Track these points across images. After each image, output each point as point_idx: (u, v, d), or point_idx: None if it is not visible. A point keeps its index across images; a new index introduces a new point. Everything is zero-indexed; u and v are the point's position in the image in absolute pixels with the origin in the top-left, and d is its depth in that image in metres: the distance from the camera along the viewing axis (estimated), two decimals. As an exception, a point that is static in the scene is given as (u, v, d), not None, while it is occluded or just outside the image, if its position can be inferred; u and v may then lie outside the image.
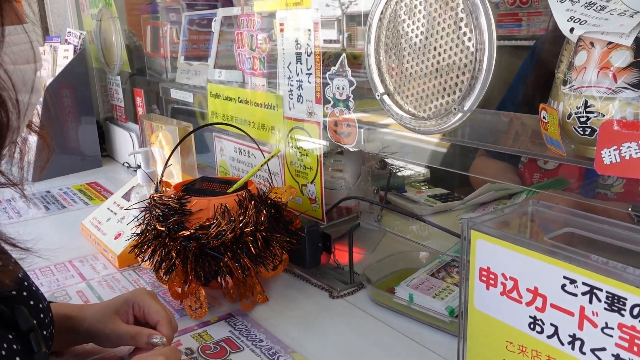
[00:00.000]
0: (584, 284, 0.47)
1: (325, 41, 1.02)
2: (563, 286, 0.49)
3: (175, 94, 1.63)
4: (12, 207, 1.59)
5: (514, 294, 0.53)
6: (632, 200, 0.99)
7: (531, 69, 1.03)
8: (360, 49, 0.95)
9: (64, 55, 1.96)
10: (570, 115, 0.62)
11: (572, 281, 0.48)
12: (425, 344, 0.85)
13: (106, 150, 2.18)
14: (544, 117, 0.67)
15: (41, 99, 1.89)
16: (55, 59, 2.00)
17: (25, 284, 0.69)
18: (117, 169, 2.02)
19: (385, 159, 1.28)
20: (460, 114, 0.72)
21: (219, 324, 0.94)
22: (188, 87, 1.59)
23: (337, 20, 1.01)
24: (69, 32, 1.99)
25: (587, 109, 0.60)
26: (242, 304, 0.97)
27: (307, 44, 0.99)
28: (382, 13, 0.82)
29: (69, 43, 1.97)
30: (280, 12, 1.04)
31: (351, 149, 1.15)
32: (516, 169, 1.14)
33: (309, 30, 0.98)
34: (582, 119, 0.61)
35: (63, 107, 1.96)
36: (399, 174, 1.35)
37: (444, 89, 0.75)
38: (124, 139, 2.00)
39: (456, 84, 0.73)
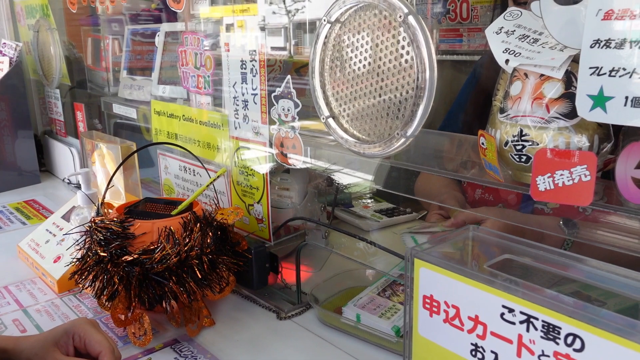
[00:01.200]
0: (521, 312, 0.49)
1: (272, 48, 1.02)
2: (502, 315, 0.51)
3: (117, 109, 1.59)
4: (-59, 228, 1.51)
5: (456, 322, 0.54)
6: (565, 214, 1.03)
7: (471, 93, 1.06)
8: (307, 57, 0.96)
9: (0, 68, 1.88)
10: (507, 142, 0.65)
11: (510, 310, 0.50)
12: (373, 365, 0.85)
13: (45, 166, 2.10)
14: (482, 143, 0.69)
15: (-26, 113, 1.80)
16: (-11, 71, 1.91)
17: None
18: (57, 185, 1.95)
19: (332, 176, 1.28)
20: (403, 139, 0.74)
21: (163, 351, 0.91)
22: (130, 102, 1.55)
23: (284, 27, 1.02)
24: (4, 43, 1.91)
25: (522, 138, 0.63)
26: (188, 329, 0.95)
27: (253, 65, 0.98)
28: (326, 37, 0.82)
29: (4, 55, 1.89)
30: (224, 34, 1.04)
31: (297, 168, 1.16)
32: (459, 184, 1.17)
33: (254, 50, 0.98)
34: (518, 147, 0.63)
35: (-1, 121, 1.87)
36: (345, 190, 1.36)
37: (387, 114, 0.76)
38: (64, 154, 1.93)
39: (399, 110, 0.75)
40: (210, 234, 0.96)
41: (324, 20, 0.80)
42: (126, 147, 1.29)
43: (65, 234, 1.18)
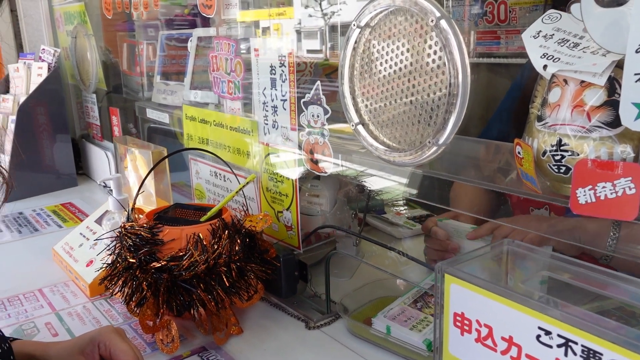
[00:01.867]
0: (559, 336, 0.46)
1: (308, 51, 1.01)
2: (538, 337, 0.48)
3: (151, 113, 1.60)
4: (-18, 230, 1.55)
5: (489, 342, 0.52)
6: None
7: (517, 98, 1.02)
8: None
9: (38, 73, 1.92)
10: (544, 152, 0.61)
11: (547, 332, 0.47)
12: (403, 380, 0.83)
13: (82, 169, 2.13)
14: (518, 153, 0.66)
15: (13, 117, 1.85)
16: (29, 76, 1.96)
17: (-17, 328, 0.66)
18: (93, 188, 1.98)
19: (363, 183, 1.26)
20: (434, 147, 0.71)
21: (191, 359, 0.91)
22: (163, 107, 1.56)
23: (320, 30, 1.01)
24: (43, 49, 1.95)
25: (561, 147, 0.59)
26: (216, 338, 0.94)
27: (282, 71, 0.97)
28: (356, 42, 0.80)
29: (43, 60, 1.93)
30: (254, 39, 1.03)
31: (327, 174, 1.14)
32: (500, 198, 1.10)
33: (284, 55, 0.96)
34: (557, 157, 0.60)
35: (37, 125, 1.92)
36: (377, 197, 1.33)
37: (419, 121, 0.74)
38: (100, 158, 1.96)
39: (430, 117, 0.72)
40: (238, 241, 0.95)
41: (354, 25, 0.78)
42: (157, 152, 1.29)
43: (96, 239, 1.19)
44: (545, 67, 0.60)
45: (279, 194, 1.06)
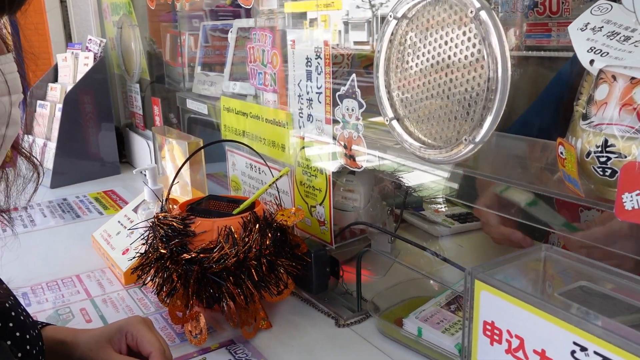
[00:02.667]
0: (595, 352, 0.43)
1: (355, 43, 1.00)
2: (573, 352, 0.44)
3: (190, 104, 1.61)
4: (27, 215, 1.60)
5: (520, 354, 0.49)
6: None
7: (559, 93, 0.96)
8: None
9: (85, 63, 1.96)
10: (589, 153, 0.57)
11: (583, 348, 0.43)
12: (432, 385, 0.80)
13: (126, 157, 2.17)
14: (561, 153, 0.62)
15: (60, 105, 1.89)
16: (76, 66, 2.00)
17: (13, 314, 0.67)
18: (135, 176, 2.01)
19: (400, 179, 1.23)
20: (471, 146, 0.68)
21: (218, 352, 0.90)
22: (203, 98, 1.57)
23: (367, 21, 0.99)
24: (90, 39, 1.99)
25: (607, 149, 0.55)
26: (244, 331, 0.94)
27: (318, 63, 0.95)
28: (392, 34, 0.77)
29: (89, 50, 1.97)
30: (291, 31, 1.01)
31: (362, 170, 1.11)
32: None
33: (319, 47, 0.94)
34: (602, 159, 0.56)
35: (84, 114, 1.96)
36: (415, 193, 1.30)
37: (455, 117, 0.71)
38: (142, 147, 1.99)
39: (467, 113, 0.69)
40: (269, 235, 0.94)
41: (390, 16, 0.76)
42: (194, 143, 1.29)
43: (129, 228, 1.20)
44: (592, 62, 0.56)
45: (313, 188, 1.04)
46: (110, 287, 1.14)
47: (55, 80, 2.07)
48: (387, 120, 0.80)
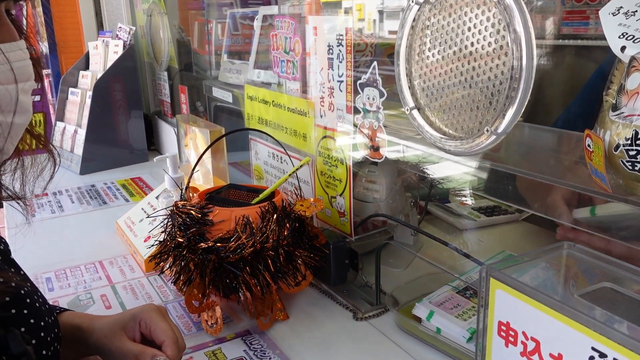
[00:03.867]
0: (615, 360, 0.40)
1: (390, 32, 0.98)
2: (591, 358, 0.42)
3: (216, 92, 1.60)
4: (56, 200, 1.62)
5: (535, 358, 0.46)
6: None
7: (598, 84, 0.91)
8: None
9: (114, 50, 1.98)
10: (617, 146, 0.54)
11: (602, 355, 0.41)
12: (450, 383, 0.78)
13: (154, 145, 2.19)
14: (588, 145, 0.58)
15: (90, 93, 1.91)
16: (106, 54, 2.02)
17: (28, 300, 0.67)
18: (162, 164, 2.01)
19: (426, 169, 1.20)
20: (493, 137, 0.65)
21: (234, 342, 0.90)
22: (229, 86, 1.56)
23: (402, 10, 0.96)
24: (120, 27, 2.01)
25: (637, 141, 0.52)
26: (260, 322, 0.93)
27: (340, 50, 0.93)
28: (414, 20, 0.75)
29: (119, 38, 1.99)
30: (313, 18, 0.99)
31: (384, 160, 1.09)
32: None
33: (342, 35, 0.92)
34: (632, 152, 0.52)
35: (114, 101, 1.98)
36: (439, 185, 1.27)
37: (477, 107, 0.68)
38: (170, 134, 2.00)
39: (490, 103, 0.66)
40: (287, 225, 0.93)
41: (412, 2, 0.73)
42: (215, 131, 1.29)
43: (149, 216, 1.20)
44: (623, 48, 0.53)
45: (333, 178, 1.02)
46: (131, 274, 1.15)
47: (86, 68, 2.09)
48: (407, 110, 0.78)
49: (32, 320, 0.66)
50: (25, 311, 0.66)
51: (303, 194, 1.06)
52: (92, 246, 1.30)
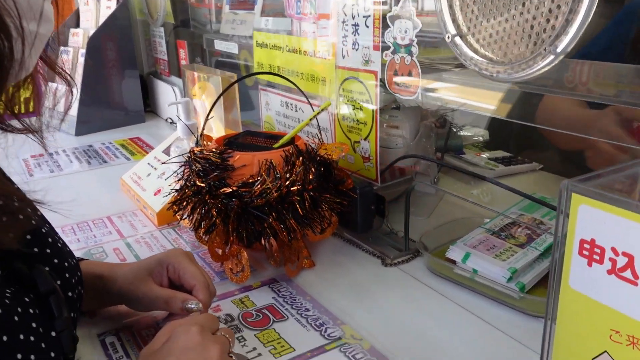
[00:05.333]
0: None
1: None
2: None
3: (219, 45, 1.54)
4: (54, 160, 1.56)
5: (627, 273, 0.43)
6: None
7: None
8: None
9: (107, 6, 1.89)
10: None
11: None
12: (493, 323, 0.75)
13: (150, 106, 2.12)
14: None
15: (83, 51, 1.83)
16: (98, 10, 1.94)
17: (50, 240, 0.62)
18: (160, 124, 1.97)
19: (446, 116, 1.16)
20: (551, 57, 0.61)
21: (261, 290, 0.86)
22: (233, 37, 1.50)
23: None
24: (112, -20, 1.92)
25: None
26: (287, 269, 0.89)
27: (366, -18, 0.87)
28: (457, -61, 0.70)
29: (112, -7, 1.90)
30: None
31: (411, 104, 1.05)
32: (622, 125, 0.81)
33: (368, -35, 0.86)
34: None
35: (107, 60, 1.90)
36: (459, 132, 1.23)
37: (532, 27, 0.63)
38: (168, 94, 1.94)
39: (548, 20, 0.61)
40: (312, 169, 0.88)
41: None
42: (227, 78, 1.23)
43: (164, 162, 1.15)
44: None
45: (357, 122, 0.98)
46: (143, 229, 1.10)
47: (77, 25, 2.00)
48: (448, 38, 0.73)
49: (55, 260, 0.61)
50: (48, 250, 0.61)
51: (324, 141, 1.02)
52: (97, 203, 1.25)
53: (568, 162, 1.24)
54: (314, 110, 1.03)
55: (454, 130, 1.20)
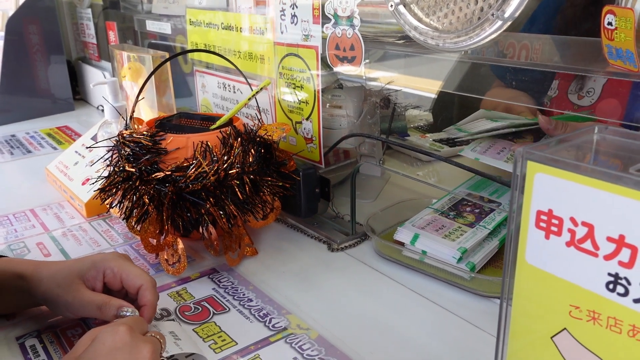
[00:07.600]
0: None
1: None
2: (664, 233, 0.36)
3: (151, 25, 1.45)
4: (-29, 151, 1.43)
5: (587, 244, 0.40)
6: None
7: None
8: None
9: (27, -15, 1.75)
10: (652, 15, 0.48)
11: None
12: (445, 305, 0.72)
13: (79, 94, 2.00)
14: (609, 24, 0.52)
15: (2, 34, 1.70)
16: (18, -10, 1.79)
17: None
18: (91, 112, 1.85)
19: (390, 96, 1.13)
20: (499, 23, 0.58)
21: (200, 281, 0.80)
22: (166, 17, 1.41)
23: None
24: (32, -42, 1.78)
25: (677, 5, 0.46)
26: (228, 258, 0.84)
27: (304, -49, 0.82)
28: None
29: (32, -30, 1.76)
30: None
31: (354, 83, 1.01)
32: (538, 102, 0.96)
33: None
34: (670, 19, 0.47)
35: (30, 45, 1.77)
36: (403, 111, 1.20)
37: (478, -7, 0.60)
38: (98, 80, 1.82)
39: (495, -16, 0.58)
40: (252, 151, 0.83)
41: None
42: (158, 57, 1.15)
43: (89, 147, 1.07)
44: None
45: (298, 101, 0.93)
46: (70, 221, 1.02)
47: (-6, 6, 1.85)
48: (391, 6, 0.69)
49: None
50: None
51: (263, 122, 0.97)
52: (19, 195, 1.15)
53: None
54: (252, 89, 0.97)
55: (399, 110, 1.17)
